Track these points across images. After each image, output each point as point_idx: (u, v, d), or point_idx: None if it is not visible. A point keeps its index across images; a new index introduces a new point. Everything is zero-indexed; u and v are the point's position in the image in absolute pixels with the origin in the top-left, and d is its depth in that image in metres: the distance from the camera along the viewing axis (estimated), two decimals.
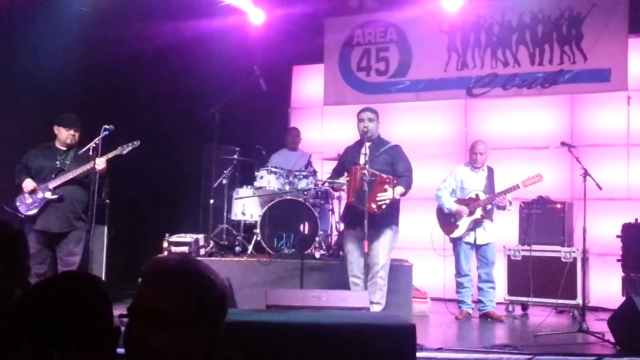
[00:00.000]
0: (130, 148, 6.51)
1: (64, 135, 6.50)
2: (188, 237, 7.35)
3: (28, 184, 6.33)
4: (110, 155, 6.39)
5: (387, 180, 5.99)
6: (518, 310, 7.61)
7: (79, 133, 6.57)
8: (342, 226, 7.27)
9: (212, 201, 8.08)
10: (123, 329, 1.70)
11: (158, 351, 1.58)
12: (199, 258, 7.02)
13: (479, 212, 7.17)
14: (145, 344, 1.59)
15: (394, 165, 6.26)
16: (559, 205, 7.66)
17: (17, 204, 6.36)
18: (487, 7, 8.67)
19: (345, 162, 6.44)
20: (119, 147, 6.47)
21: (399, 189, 6.10)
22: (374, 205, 5.97)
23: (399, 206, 6.39)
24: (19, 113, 7.14)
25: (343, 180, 6.16)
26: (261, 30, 9.15)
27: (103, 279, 6.57)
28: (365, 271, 5.96)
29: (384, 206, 6.03)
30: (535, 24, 8.43)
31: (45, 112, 6.97)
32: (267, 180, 7.74)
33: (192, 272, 1.66)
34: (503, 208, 7.19)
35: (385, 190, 5.97)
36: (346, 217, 6.58)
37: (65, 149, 6.55)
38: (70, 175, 6.35)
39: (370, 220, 5.87)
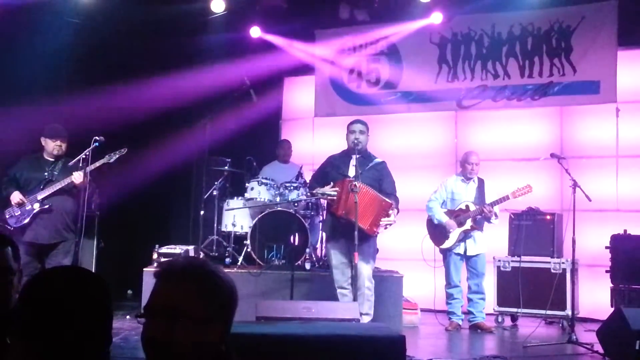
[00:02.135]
0: (117, 156, 6.49)
1: (51, 146, 6.48)
2: (178, 249, 7.35)
3: (15, 196, 6.29)
4: (98, 163, 6.36)
5: (392, 207, 5.97)
6: (508, 321, 7.61)
7: (66, 143, 6.54)
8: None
9: (202, 212, 8.06)
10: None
11: (175, 346, 1.66)
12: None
13: (468, 223, 7.18)
14: (162, 340, 1.66)
15: (381, 182, 6.23)
16: (548, 217, 7.68)
17: (7, 216, 6.32)
18: (477, 20, 8.73)
19: (331, 172, 6.37)
20: (107, 155, 6.44)
21: (395, 212, 6.09)
22: (375, 229, 5.96)
23: None
24: (6, 123, 7.12)
25: (332, 192, 6.11)
26: (253, 41, 9.23)
27: None
28: (354, 282, 5.94)
29: (383, 230, 6.04)
30: (525, 36, 8.50)
31: (33, 123, 6.94)
32: (258, 191, 7.73)
33: (201, 268, 1.77)
34: (488, 220, 7.19)
35: (389, 216, 5.98)
36: (330, 228, 6.41)
37: (53, 159, 6.52)
38: (57, 186, 6.31)
39: (353, 232, 5.82)
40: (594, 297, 7.65)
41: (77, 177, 6.22)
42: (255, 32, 9.18)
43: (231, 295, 1.80)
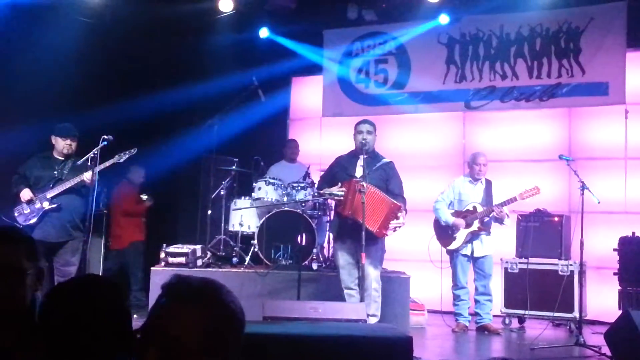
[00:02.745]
0: (127, 156, 6.51)
1: (61, 144, 6.49)
2: (185, 248, 7.33)
3: (25, 193, 6.31)
4: (107, 163, 6.38)
5: (401, 209, 5.96)
6: (515, 323, 7.59)
7: (76, 142, 6.56)
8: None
9: (209, 212, 8.08)
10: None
11: None
12: (195, 269, 7.04)
13: (476, 225, 7.17)
14: None
15: (388, 182, 6.21)
16: (556, 218, 7.67)
17: (16, 214, 6.34)
18: (485, 20, 8.72)
19: (339, 172, 6.36)
20: (116, 156, 6.46)
21: (404, 214, 6.07)
22: (384, 231, 5.95)
23: None
24: (16, 123, 7.14)
25: (339, 192, 6.10)
26: (261, 41, 9.25)
27: None
28: (361, 283, 5.93)
29: (392, 232, 6.04)
30: (534, 37, 8.48)
31: (43, 122, 6.97)
32: (265, 191, 7.73)
33: (215, 298, 1.59)
34: (501, 221, 7.18)
35: (398, 218, 5.96)
36: (337, 228, 6.39)
37: (63, 158, 6.53)
38: (67, 185, 6.32)
39: (360, 232, 5.79)
40: (602, 299, 7.62)
41: (89, 176, 6.24)
42: (263, 32, 9.22)
43: (239, 330, 1.61)
